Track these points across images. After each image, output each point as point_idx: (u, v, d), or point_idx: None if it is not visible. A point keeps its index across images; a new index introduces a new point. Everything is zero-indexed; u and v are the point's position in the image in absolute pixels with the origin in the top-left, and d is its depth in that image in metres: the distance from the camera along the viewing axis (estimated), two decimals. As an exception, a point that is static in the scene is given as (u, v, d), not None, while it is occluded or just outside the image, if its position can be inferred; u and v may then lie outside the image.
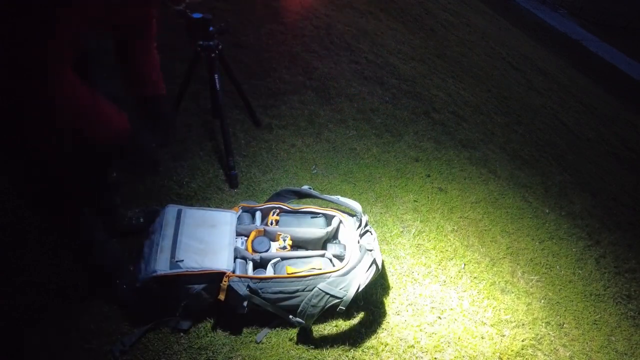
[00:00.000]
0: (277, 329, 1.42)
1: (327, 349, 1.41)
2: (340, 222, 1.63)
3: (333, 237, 1.66)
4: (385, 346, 1.48)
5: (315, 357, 1.38)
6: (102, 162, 1.29)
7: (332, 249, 1.55)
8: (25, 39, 0.77)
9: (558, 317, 1.84)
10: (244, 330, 1.39)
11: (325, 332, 1.46)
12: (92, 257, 1.31)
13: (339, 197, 1.70)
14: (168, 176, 1.84)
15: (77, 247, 1.29)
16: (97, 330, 1.28)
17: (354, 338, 1.47)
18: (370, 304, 1.59)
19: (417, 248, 1.91)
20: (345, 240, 1.58)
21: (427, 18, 4.80)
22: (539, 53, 6.14)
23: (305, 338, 1.42)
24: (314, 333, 1.45)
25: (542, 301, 1.88)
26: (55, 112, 0.87)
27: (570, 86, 5.20)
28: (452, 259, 1.92)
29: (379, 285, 1.66)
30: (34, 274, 1.36)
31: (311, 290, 1.36)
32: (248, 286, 1.32)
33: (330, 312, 1.43)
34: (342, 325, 1.50)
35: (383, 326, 1.54)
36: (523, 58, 5.28)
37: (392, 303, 1.63)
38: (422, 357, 1.49)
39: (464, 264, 1.91)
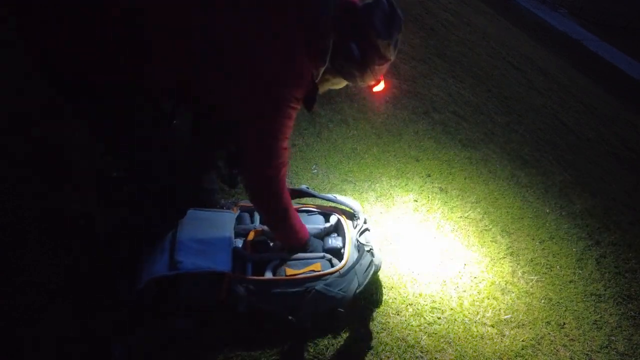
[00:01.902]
0: (277, 329, 1.42)
1: (327, 349, 1.41)
2: (339, 220, 1.63)
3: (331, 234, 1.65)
4: (385, 346, 1.48)
5: (315, 357, 1.38)
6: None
7: (330, 242, 1.55)
8: None
9: (558, 317, 1.83)
10: (244, 330, 1.39)
11: (325, 333, 1.46)
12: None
13: (336, 195, 1.69)
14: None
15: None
16: (97, 330, 1.28)
17: (354, 338, 1.47)
18: (370, 304, 1.59)
19: (417, 248, 1.91)
20: (344, 239, 1.58)
21: (428, 18, 4.80)
22: (539, 53, 6.14)
23: (305, 339, 1.42)
24: (313, 334, 1.44)
25: (542, 301, 1.88)
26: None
27: (570, 86, 5.20)
28: (452, 259, 1.92)
29: (378, 285, 1.66)
30: (34, 274, 1.35)
31: (310, 291, 1.36)
32: (247, 287, 1.32)
33: (329, 313, 1.43)
34: (342, 325, 1.49)
35: (383, 326, 1.54)
36: (523, 58, 5.28)
37: (392, 303, 1.63)
38: (422, 357, 1.49)
39: (464, 264, 1.91)
